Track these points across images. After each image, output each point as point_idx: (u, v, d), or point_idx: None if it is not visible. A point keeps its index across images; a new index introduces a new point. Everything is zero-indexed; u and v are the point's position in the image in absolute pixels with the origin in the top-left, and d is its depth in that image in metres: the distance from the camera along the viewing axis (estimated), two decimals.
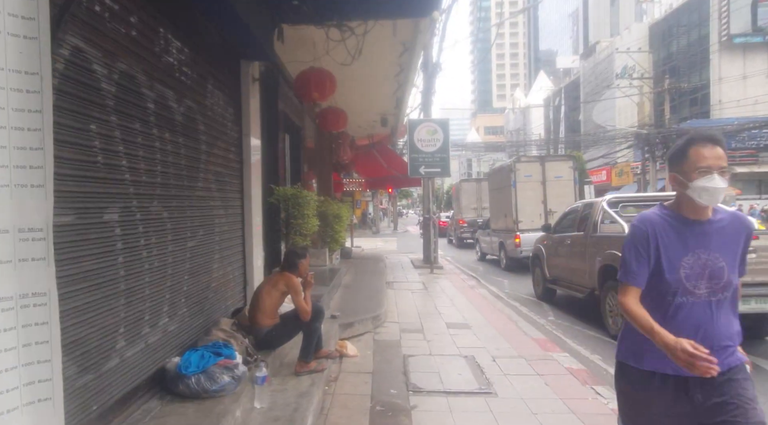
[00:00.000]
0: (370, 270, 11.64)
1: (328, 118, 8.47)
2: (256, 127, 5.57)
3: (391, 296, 8.80)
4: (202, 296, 4.04)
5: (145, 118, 3.15)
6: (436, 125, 12.51)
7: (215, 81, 4.47)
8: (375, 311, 6.75)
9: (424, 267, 13.18)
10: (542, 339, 6.10)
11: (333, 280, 7.93)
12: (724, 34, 33.35)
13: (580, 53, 61.27)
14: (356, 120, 12.20)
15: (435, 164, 12.41)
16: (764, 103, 32.24)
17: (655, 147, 33.28)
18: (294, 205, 6.16)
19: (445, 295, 9.20)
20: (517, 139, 61.83)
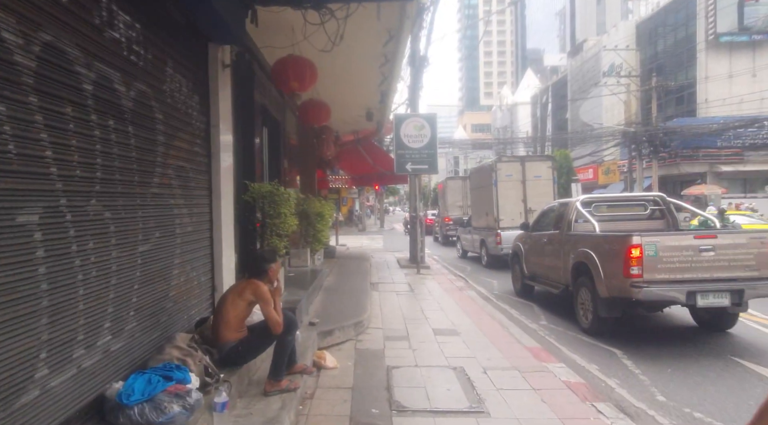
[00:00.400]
0: (354, 270, 11.19)
1: (309, 111, 7.99)
2: (227, 118, 5.09)
3: (376, 299, 8.37)
4: (158, 307, 3.57)
5: (80, 101, 2.66)
6: (424, 120, 12.08)
7: (176, 65, 3.98)
8: (357, 317, 6.31)
9: (411, 267, 12.77)
10: (536, 347, 5.71)
11: (314, 282, 7.48)
12: (711, 33, 33.41)
13: (567, 51, 61.27)
14: (340, 114, 11.72)
15: (422, 161, 11.99)
16: (749, 102, 32.37)
17: (642, 145, 33.30)
18: (270, 203, 5.69)
19: (432, 297, 8.80)
20: (504, 137, 61.75)
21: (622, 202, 8.84)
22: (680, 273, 5.73)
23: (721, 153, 33.53)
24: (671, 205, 8.18)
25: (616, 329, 6.76)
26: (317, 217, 9.29)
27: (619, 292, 5.99)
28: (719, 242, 5.79)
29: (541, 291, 8.80)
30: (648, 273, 5.69)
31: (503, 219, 13.27)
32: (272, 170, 7.89)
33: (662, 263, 5.71)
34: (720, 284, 5.69)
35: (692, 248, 5.74)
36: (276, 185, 5.86)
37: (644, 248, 5.69)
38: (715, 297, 5.67)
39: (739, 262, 5.77)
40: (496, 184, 13.53)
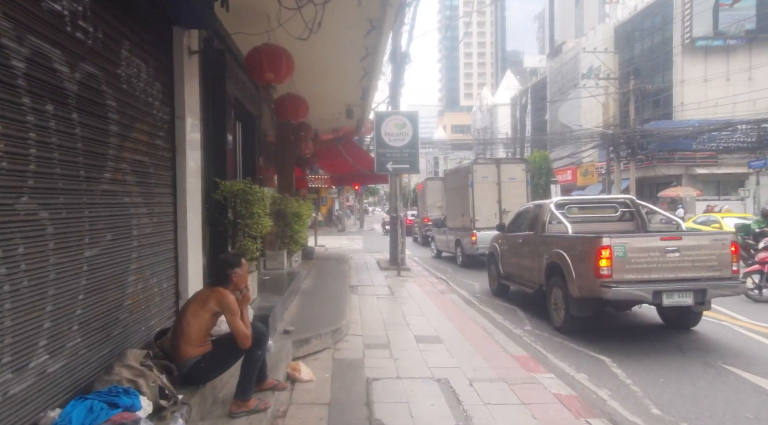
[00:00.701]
0: (333, 273, 10.83)
1: (286, 106, 7.60)
2: (195, 110, 4.69)
3: (355, 304, 8.02)
4: (110, 319, 3.16)
5: (7, 80, 2.26)
6: (405, 118, 11.78)
7: (135, 47, 3.58)
8: (336, 323, 5.96)
9: (391, 269, 12.46)
10: (523, 355, 5.44)
11: (290, 286, 7.09)
12: (687, 37, 33.92)
13: (546, 53, 61.80)
14: (319, 111, 11.34)
15: (403, 160, 11.69)
16: (724, 105, 32.95)
17: (620, 147, 33.63)
18: (242, 202, 5.29)
19: (413, 301, 8.48)
20: (484, 137, 61.96)
21: (594, 204, 8.98)
22: (647, 273, 5.91)
23: (696, 156, 34.10)
24: (640, 207, 8.37)
25: (601, 334, 6.56)
26: (294, 217, 8.90)
27: (589, 292, 6.12)
28: (684, 244, 6.00)
29: (524, 295, 8.56)
30: (617, 273, 5.84)
31: (479, 220, 13.49)
32: (247, 167, 7.48)
33: (630, 264, 5.88)
34: (684, 284, 5.88)
35: (659, 250, 5.94)
36: (248, 183, 5.47)
37: (613, 249, 5.84)
38: (679, 296, 5.86)
39: (702, 263, 5.98)
40: (472, 185, 13.75)
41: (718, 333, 6.76)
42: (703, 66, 34.43)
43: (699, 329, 6.91)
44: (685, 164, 34.12)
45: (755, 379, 4.99)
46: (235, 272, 3.37)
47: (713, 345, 6.18)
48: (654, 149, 33.34)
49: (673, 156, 33.88)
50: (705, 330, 6.90)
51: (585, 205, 8.86)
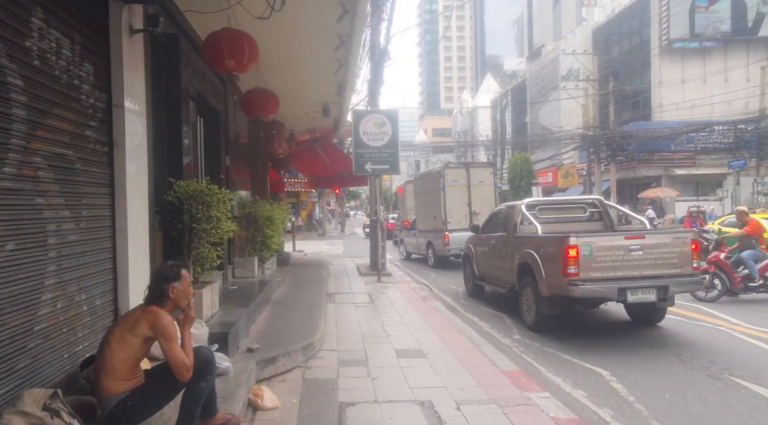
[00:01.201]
0: (309, 280, 10.22)
1: (254, 101, 7.00)
2: (140, 98, 4.09)
3: (332, 313, 7.44)
4: (13, 349, 2.55)
5: None
6: (384, 116, 11.26)
7: (53, 18, 2.98)
8: (308, 338, 5.37)
9: (371, 274, 11.90)
10: (514, 371, 4.92)
11: (259, 296, 6.48)
12: (665, 39, 34.15)
13: (526, 56, 62.10)
14: (294, 110, 10.76)
15: (383, 160, 11.16)
16: (701, 106, 33.22)
17: (600, 149, 33.65)
18: (200, 205, 4.69)
19: (394, 310, 7.94)
20: (464, 140, 61.90)
21: (564, 205, 9.14)
22: (612, 271, 6.05)
23: (675, 157, 34.32)
24: (608, 207, 8.64)
25: (593, 342, 6.12)
26: (266, 221, 8.29)
27: (558, 290, 6.26)
28: (647, 242, 6.18)
29: (511, 299, 8.09)
30: (584, 272, 5.98)
31: (450, 222, 13.97)
32: (211, 167, 6.86)
33: (596, 263, 6.03)
34: (647, 281, 6.06)
35: (623, 248, 6.10)
36: (206, 183, 4.86)
37: (580, 249, 5.98)
38: (643, 293, 6.04)
39: (664, 260, 6.17)
40: (443, 189, 14.19)
41: (717, 339, 6.36)
42: (681, 68, 34.71)
43: (695, 335, 6.52)
44: (664, 165, 34.31)
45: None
46: (173, 288, 2.77)
47: (715, 354, 5.75)
48: (634, 151, 33.44)
49: (652, 157, 34.04)
50: (701, 335, 6.50)
51: (555, 206, 9.01)
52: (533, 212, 7.97)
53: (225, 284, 6.93)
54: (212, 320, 4.73)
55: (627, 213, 9.64)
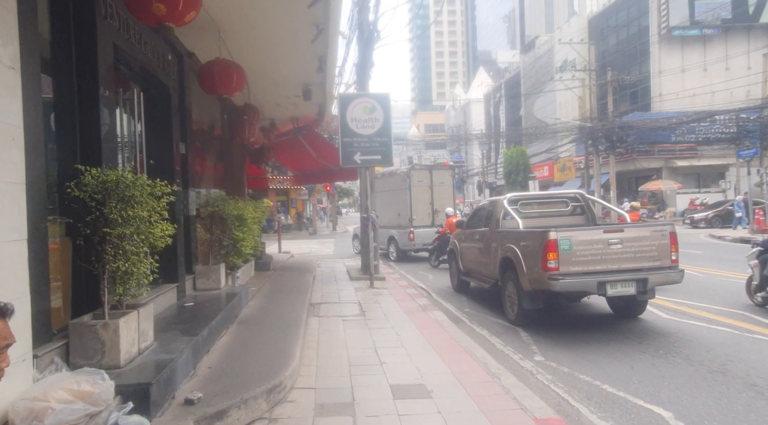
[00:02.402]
0: (291, 287, 8.93)
1: (214, 75, 5.71)
2: (11, 47, 2.78)
3: (314, 332, 6.16)
4: None
5: None
6: (374, 100, 9.98)
7: None
8: (276, 376, 4.08)
9: (363, 279, 10.64)
10: (552, 419, 3.67)
11: (219, 316, 5.18)
12: (664, 27, 33.07)
13: (520, 48, 60.95)
14: (272, 94, 9.46)
15: (373, 150, 9.89)
16: (702, 95, 32.18)
17: (599, 141, 32.53)
18: (117, 201, 3.40)
19: (389, 324, 6.67)
20: (458, 134, 60.76)
21: (547, 199, 9.09)
22: (592, 265, 6.06)
23: (676, 148, 33.30)
24: (589, 201, 8.64)
25: (634, 365, 4.89)
26: (236, 222, 6.98)
27: (539, 284, 6.24)
28: (626, 236, 6.20)
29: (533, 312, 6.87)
30: (563, 266, 5.98)
31: (415, 219, 15.02)
32: (158, 156, 5.54)
33: (576, 257, 6.02)
34: (626, 275, 6.07)
35: (602, 242, 6.10)
36: (126, 171, 3.55)
37: (559, 243, 5.98)
38: (622, 286, 6.04)
39: (643, 253, 6.17)
40: (410, 188, 15.20)
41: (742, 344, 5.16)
42: (680, 56, 33.68)
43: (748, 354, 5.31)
44: (665, 157, 33.30)
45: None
46: None
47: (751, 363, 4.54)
48: (633, 142, 32.36)
49: (652, 149, 33.00)
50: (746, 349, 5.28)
51: (538, 200, 8.98)
52: (515, 207, 8.02)
53: (180, 301, 5.64)
54: (137, 360, 3.44)
55: (606, 206, 9.31)
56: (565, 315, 7.60)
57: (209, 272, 6.41)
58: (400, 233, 15.28)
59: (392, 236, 15.83)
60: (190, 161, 6.49)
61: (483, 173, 55.35)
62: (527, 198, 9.04)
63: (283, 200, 37.59)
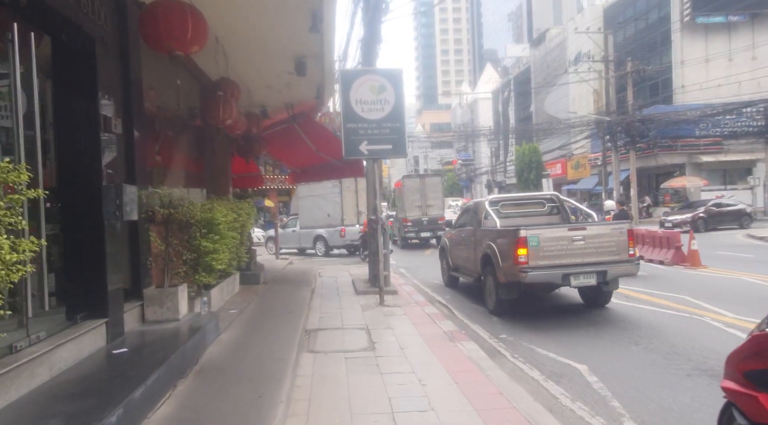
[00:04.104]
0: (282, 307, 7.22)
1: (158, 21, 4.02)
2: None
3: (304, 382, 4.43)
4: None
5: None
6: (384, 78, 8.25)
7: None
8: None
9: (371, 292, 8.92)
10: None
11: (159, 370, 3.47)
12: (687, 14, 31.12)
13: (531, 41, 59.02)
14: (259, 71, 7.78)
15: (383, 138, 8.16)
16: (727, 86, 30.21)
17: (618, 136, 30.64)
18: None
19: (407, 364, 4.94)
20: (465, 132, 58.98)
21: (525, 200, 9.75)
22: (558, 259, 6.75)
23: (700, 143, 31.35)
24: (564, 202, 9.27)
25: None
26: (203, 229, 5.27)
27: (512, 277, 6.88)
28: (588, 233, 6.92)
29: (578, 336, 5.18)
30: (533, 260, 6.66)
31: (346, 218, 17.94)
32: (72, 136, 3.83)
33: (543, 252, 6.70)
34: (588, 267, 6.76)
35: (567, 239, 6.81)
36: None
37: (528, 240, 6.66)
38: (584, 278, 6.76)
39: (603, 249, 6.85)
40: (341, 193, 17.97)
41: None
42: (704, 45, 31.71)
43: None
44: (688, 152, 31.31)
45: None
46: None
47: None
48: (655, 137, 30.42)
49: (675, 144, 31.03)
50: None
51: (517, 202, 9.60)
52: (496, 207, 8.67)
53: (111, 345, 3.92)
54: None
55: (578, 207, 10.07)
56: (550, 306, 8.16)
57: (163, 297, 4.70)
58: (330, 231, 17.90)
59: (320, 234, 18.44)
60: (138, 147, 4.78)
61: (492, 172, 53.51)
62: (507, 200, 9.85)
63: (285, 201, 35.81)
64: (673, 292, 8.61)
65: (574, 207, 9.78)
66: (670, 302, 7.84)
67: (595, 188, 36.48)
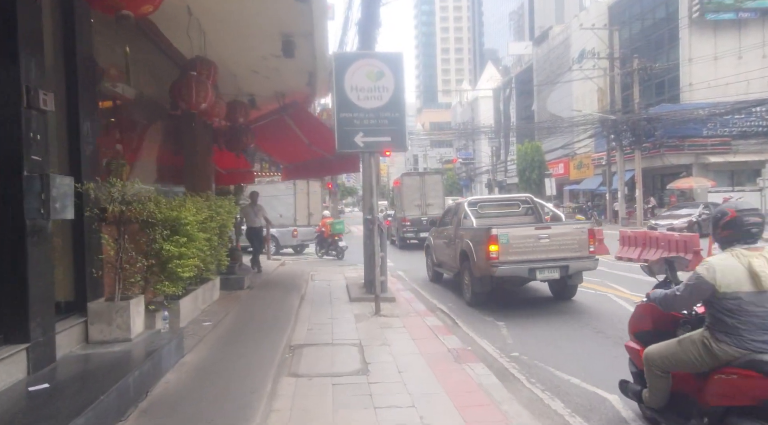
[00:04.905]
0: (265, 318, 6.40)
1: None
2: None
3: (280, 418, 3.62)
4: None
5: None
6: (382, 62, 7.43)
7: None
8: None
9: (366, 299, 8.12)
10: None
11: (85, 414, 2.66)
12: (696, 10, 30.29)
13: (533, 38, 58.17)
14: (241, 51, 6.94)
15: (381, 130, 7.36)
16: (736, 84, 29.39)
17: (623, 135, 29.81)
18: None
19: (407, 395, 4.13)
20: (466, 130, 58.13)
21: (502, 202, 10.69)
22: (525, 255, 7.46)
23: (707, 143, 30.52)
24: (537, 204, 9.85)
25: None
26: (166, 230, 4.45)
27: (485, 271, 7.59)
28: (552, 232, 7.68)
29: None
30: (503, 256, 7.37)
31: (299, 219, 18.59)
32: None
33: (512, 248, 7.42)
34: (552, 263, 7.48)
35: (534, 237, 7.55)
36: None
37: (499, 238, 7.38)
38: (549, 272, 7.50)
39: (566, 246, 7.58)
40: (295, 194, 18.72)
41: None
42: (713, 42, 30.87)
43: None
44: (695, 152, 30.47)
45: None
46: None
47: None
48: (661, 136, 29.57)
49: (682, 144, 30.19)
50: None
51: (494, 203, 10.53)
52: (474, 208, 9.38)
53: (32, 377, 3.10)
54: None
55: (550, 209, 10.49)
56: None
57: (112, 312, 3.88)
58: (282, 232, 17.79)
59: (272, 234, 19.89)
60: (85, 131, 3.95)
61: (492, 171, 52.68)
62: (485, 201, 10.87)
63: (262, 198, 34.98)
64: None
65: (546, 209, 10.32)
66: None
67: (598, 188, 35.67)
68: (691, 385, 3.00)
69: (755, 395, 2.59)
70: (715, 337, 2.80)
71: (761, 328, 2.71)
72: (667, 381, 3.11)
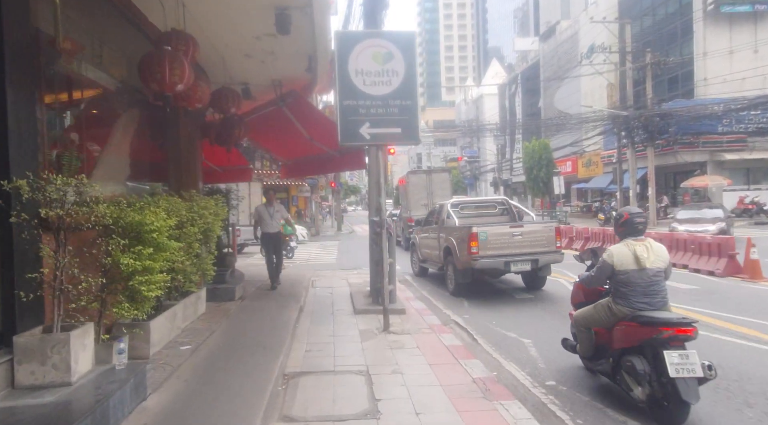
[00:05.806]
0: (255, 338, 5.48)
1: None
2: None
3: None
4: None
5: None
6: (391, 43, 6.49)
7: None
8: None
9: (373, 312, 7.22)
10: None
11: None
12: (711, 3, 29.22)
13: (540, 34, 57.07)
14: (232, 32, 6.05)
15: (390, 120, 6.42)
16: (752, 79, 28.33)
17: (635, 132, 28.77)
18: None
19: None
20: (471, 127, 57.08)
21: (481, 203, 12.02)
22: (501, 250, 8.49)
23: (723, 140, 29.46)
24: (512, 206, 11.16)
25: None
26: (125, 238, 3.53)
27: (466, 264, 8.60)
28: (525, 230, 8.74)
29: None
30: (482, 251, 8.39)
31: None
32: None
33: (490, 244, 8.44)
34: (524, 256, 8.52)
35: (508, 234, 8.60)
36: None
37: (479, 235, 8.40)
38: (521, 265, 8.53)
39: (536, 242, 8.62)
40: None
41: None
42: (728, 36, 29.82)
43: None
44: (710, 149, 29.42)
45: None
46: None
47: None
48: (675, 133, 28.51)
49: (696, 141, 29.14)
50: None
51: (474, 205, 11.74)
52: (456, 209, 10.51)
53: None
54: None
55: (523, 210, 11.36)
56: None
57: (46, 347, 2.97)
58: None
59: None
60: (15, 115, 3.05)
61: (498, 170, 51.64)
62: (465, 203, 11.84)
63: (282, 198, 34.11)
64: (748, 315, 6.91)
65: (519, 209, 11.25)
66: (759, 333, 6.13)
67: (608, 186, 34.64)
68: (605, 337, 4.23)
69: (637, 338, 3.80)
70: (615, 301, 4.04)
71: (642, 294, 3.91)
72: (590, 335, 4.36)
